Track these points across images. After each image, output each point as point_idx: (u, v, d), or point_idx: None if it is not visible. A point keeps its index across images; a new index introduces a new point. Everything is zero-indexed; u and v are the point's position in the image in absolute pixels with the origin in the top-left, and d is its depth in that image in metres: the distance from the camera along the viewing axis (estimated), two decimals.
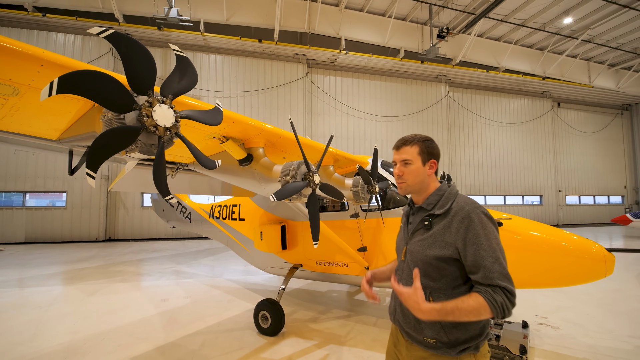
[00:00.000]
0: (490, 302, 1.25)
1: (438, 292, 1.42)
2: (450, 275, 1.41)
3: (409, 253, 1.53)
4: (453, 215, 1.42)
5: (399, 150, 1.59)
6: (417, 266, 1.44)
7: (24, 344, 4.07)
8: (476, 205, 1.44)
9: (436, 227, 1.45)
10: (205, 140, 2.90)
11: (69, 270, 8.57)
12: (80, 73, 1.21)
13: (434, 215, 1.48)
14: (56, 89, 1.14)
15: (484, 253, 1.32)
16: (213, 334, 4.34)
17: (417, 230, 1.52)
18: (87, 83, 1.24)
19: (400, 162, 1.56)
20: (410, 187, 1.56)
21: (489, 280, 1.29)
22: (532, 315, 4.91)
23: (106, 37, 1.29)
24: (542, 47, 19.67)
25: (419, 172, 1.53)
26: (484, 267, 1.30)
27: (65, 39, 14.78)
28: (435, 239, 1.43)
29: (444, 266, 1.41)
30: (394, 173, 1.58)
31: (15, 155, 13.93)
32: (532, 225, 3.38)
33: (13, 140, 2.54)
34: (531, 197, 22.88)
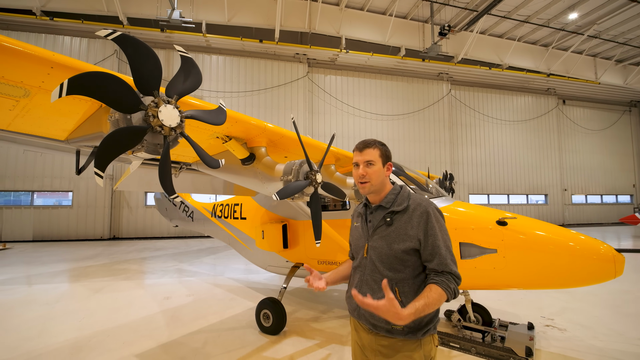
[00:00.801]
0: (447, 291, 1.45)
1: (402, 282, 1.56)
2: (412, 265, 1.57)
3: (372, 249, 1.63)
4: (412, 211, 1.59)
5: (362, 152, 1.66)
6: (382, 260, 1.58)
7: (32, 339, 4.15)
8: (430, 202, 1.63)
9: (397, 223, 1.59)
10: (208, 139, 2.95)
11: (75, 268, 8.67)
12: (89, 75, 1.26)
13: (394, 212, 1.61)
14: (66, 90, 1.19)
15: (439, 243, 1.53)
16: (215, 332, 4.38)
17: (379, 227, 1.64)
18: (96, 84, 1.29)
19: (364, 163, 1.65)
20: (373, 187, 1.66)
21: (443, 267, 1.50)
22: (538, 316, 4.85)
23: (114, 39, 1.33)
24: (547, 43, 19.51)
25: (380, 173, 1.65)
26: (439, 255, 1.51)
27: (71, 41, 15.06)
28: (398, 233, 1.57)
29: (408, 258, 1.56)
30: (357, 174, 1.67)
31: (24, 156, 14.15)
32: (538, 225, 3.29)
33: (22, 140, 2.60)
34: (536, 196, 22.67)
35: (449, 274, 1.49)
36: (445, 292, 1.44)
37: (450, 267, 1.50)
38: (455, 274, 1.50)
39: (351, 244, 1.83)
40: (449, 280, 1.47)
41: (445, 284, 1.45)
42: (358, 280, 1.67)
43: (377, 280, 1.58)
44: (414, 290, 1.54)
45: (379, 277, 1.57)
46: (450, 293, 1.45)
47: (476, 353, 3.67)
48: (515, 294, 5.97)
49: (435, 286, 1.44)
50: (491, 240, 3.27)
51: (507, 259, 3.19)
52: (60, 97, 1.16)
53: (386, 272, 1.56)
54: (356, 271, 1.71)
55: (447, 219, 3.50)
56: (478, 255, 3.32)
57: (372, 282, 1.60)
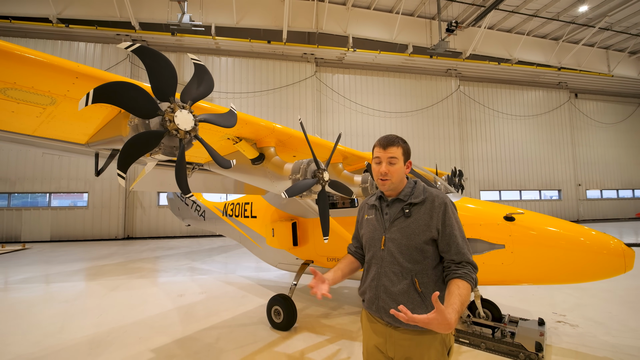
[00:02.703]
0: (471, 282, 1.49)
1: (421, 273, 1.58)
2: (432, 256, 1.59)
3: (390, 241, 1.64)
4: (431, 203, 1.62)
5: (386, 150, 1.66)
6: (401, 251, 1.59)
7: (53, 335, 4.33)
8: (445, 195, 1.67)
9: (416, 215, 1.62)
10: (220, 141, 3.05)
11: (92, 266, 8.95)
12: (113, 84, 1.37)
13: (412, 204, 1.65)
14: (92, 99, 1.29)
15: (456, 232, 1.57)
16: (228, 328, 4.49)
17: (397, 219, 1.65)
18: (119, 93, 1.39)
19: (387, 161, 1.66)
20: (393, 185, 1.68)
21: (461, 257, 1.54)
22: (549, 312, 4.82)
23: (133, 51, 1.43)
24: (557, 37, 19.17)
25: (401, 171, 1.68)
26: (456, 245, 1.55)
27: (86, 47, 15.54)
28: (418, 224, 1.60)
29: (427, 248, 1.59)
30: (379, 170, 1.67)
31: (42, 158, 14.65)
32: (546, 220, 3.29)
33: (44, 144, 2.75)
34: (549, 192, 22.26)
35: (468, 263, 1.53)
36: (470, 283, 1.48)
37: (468, 256, 1.54)
38: (473, 263, 1.55)
39: (362, 236, 1.82)
40: (470, 271, 1.51)
41: (468, 276, 1.49)
42: (375, 273, 1.66)
43: (396, 272, 1.59)
44: (433, 281, 1.57)
45: (399, 268, 1.58)
46: (474, 284, 1.50)
47: (485, 349, 3.69)
48: (526, 291, 5.94)
49: (461, 281, 1.47)
50: (499, 236, 3.29)
51: (515, 254, 3.21)
52: (86, 105, 1.27)
53: (406, 263, 1.57)
54: (371, 264, 1.70)
55: None
56: (486, 251, 3.35)
57: (391, 274, 1.60)
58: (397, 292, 1.57)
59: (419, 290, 1.55)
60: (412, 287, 1.56)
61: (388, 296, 1.59)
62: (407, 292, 1.56)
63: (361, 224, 1.86)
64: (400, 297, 1.56)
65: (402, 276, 1.58)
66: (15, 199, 14.94)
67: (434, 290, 1.56)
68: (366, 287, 1.71)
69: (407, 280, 1.57)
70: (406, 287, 1.56)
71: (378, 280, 1.64)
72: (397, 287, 1.57)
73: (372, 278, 1.68)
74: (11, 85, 1.59)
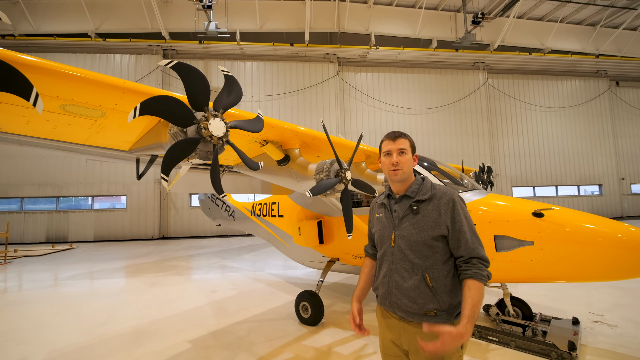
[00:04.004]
0: (482, 280, 1.53)
1: (431, 268, 1.61)
2: (441, 251, 1.63)
3: (400, 238, 1.68)
4: (439, 200, 1.66)
5: (395, 141, 1.73)
6: (411, 248, 1.64)
7: (101, 326, 4.72)
8: (453, 191, 1.70)
9: (424, 211, 1.66)
10: (248, 144, 3.24)
11: (131, 264, 9.57)
12: (157, 98, 1.55)
13: (420, 201, 1.69)
14: (139, 112, 1.48)
15: (465, 228, 1.61)
16: (258, 323, 4.69)
17: (406, 216, 1.70)
18: (161, 105, 1.57)
19: (397, 151, 1.72)
20: (404, 175, 1.72)
21: (470, 252, 1.58)
22: (585, 312, 4.63)
23: (172, 67, 1.61)
24: (594, 22, 17.98)
25: (410, 162, 1.74)
26: (465, 240, 1.59)
27: (121, 59, 16.63)
28: (426, 221, 1.64)
29: (436, 244, 1.62)
30: (390, 161, 1.73)
31: (85, 164, 15.84)
32: (577, 216, 3.16)
33: (92, 152, 3.05)
34: (589, 187, 20.89)
35: (477, 258, 1.55)
36: (481, 281, 1.50)
37: (477, 251, 1.57)
38: (483, 257, 1.57)
39: (374, 234, 1.88)
40: (480, 269, 1.53)
41: (479, 275, 1.51)
42: (387, 270, 1.70)
43: (407, 268, 1.63)
44: (444, 276, 1.60)
45: (409, 265, 1.62)
46: (485, 280, 1.52)
47: (515, 347, 3.62)
48: (561, 290, 5.71)
49: (472, 281, 1.50)
50: (527, 232, 3.22)
51: (545, 251, 3.13)
52: (134, 118, 1.45)
53: (415, 259, 1.61)
54: (383, 260, 1.75)
55: (482, 211, 3.49)
56: (514, 248, 3.29)
57: (402, 270, 1.64)
58: (408, 288, 1.61)
59: (430, 285, 1.58)
60: (423, 282, 1.60)
61: (400, 292, 1.64)
62: (418, 287, 1.60)
63: (372, 223, 1.92)
64: (412, 292, 1.60)
65: (412, 272, 1.62)
66: (62, 203, 16.23)
67: (445, 285, 1.59)
68: (379, 283, 1.76)
69: (417, 276, 1.61)
70: (417, 282, 1.60)
71: (390, 276, 1.69)
72: (408, 282, 1.61)
73: (384, 274, 1.72)
74: (69, 102, 1.83)
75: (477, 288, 1.50)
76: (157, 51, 16.50)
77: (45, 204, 16.11)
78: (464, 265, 1.57)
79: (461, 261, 1.60)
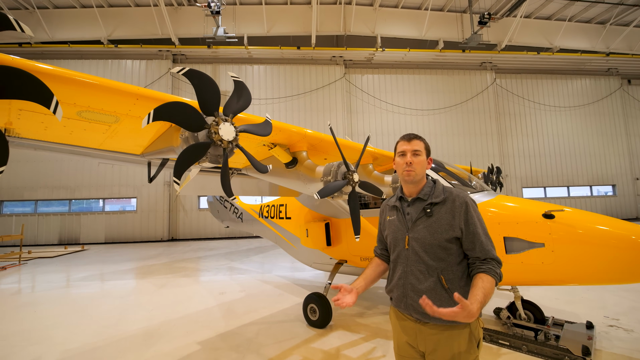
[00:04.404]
0: (495, 276, 1.56)
1: (446, 270, 1.64)
2: (455, 253, 1.66)
3: (414, 240, 1.70)
4: (452, 202, 1.69)
5: (410, 142, 1.75)
6: (426, 250, 1.66)
7: (111, 327, 4.80)
8: (465, 194, 1.73)
9: (437, 214, 1.68)
10: (256, 147, 3.28)
11: (141, 266, 9.70)
12: (169, 105, 1.60)
13: (433, 204, 1.70)
14: (152, 118, 1.52)
15: (479, 230, 1.63)
16: (266, 325, 4.71)
17: (419, 219, 1.72)
18: (174, 111, 1.62)
19: (411, 152, 1.73)
20: (417, 176, 1.74)
21: (485, 253, 1.60)
22: (600, 316, 4.55)
23: (184, 74, 1.66)
24: (603, 20, 17.69)
25: (424, 164, 1.76)
26: (479, 242, 1.62)
27: (132, 64, 16.99)
28: (440, 223, 1.66)
29: (451, 246, 1.65)
30: (404, 161, 1.74)
31: (97, 168, 16.13)
32: (589, 217, 3.11)
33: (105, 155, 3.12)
34: (602, 187, 20.45)
35: (492, 259, 1.59)
36: (494, 277, 1.54)
37: (491, 253, 1.60)
38: (496, 259, 1.61)
39: (386, 237, 1.89)
40: (494, 266, 1.57)
41: (492, 271, 1.55)
42: (401, 272, 1.71)
43: (422, 270, 1.64)
44: (458, 277, 1.62)
45: (424, 267, 1.64)
46: (498, 278, 1.56)
47: (527, 351, 3.57)
48: (574, 292, 5.61)
49: (485, 275, 1.54)
50: (538, 234, 3.19)
51: (557, 253, 3.09)
52: (148, 123, 1.50)
53: (430, 261, 1.63)
54: (397, 263, 1.75)
55: (491, 213, 3.47)
56: (524, 250, 3.25)
57: (417, 272, 1.65)
58: (424, 290, 1.62)
59: (446, 286, 1.60)
60: (439, 284, 1.61)
61: (416, 294, 1.65)
62: (434, 289, 1.61)
63: (384, 226, 1.93)
64: (428, 294, 1.60)
65: (428, 274, 1.64)
66: (75, 205, 16.56)
67: (460, 286, 1.61)
68: (393, 285, 1.77)
69: (433, 278, 1.63)
70: (433, 284, 1.62)
71: (405, 278, 1.70)
72: (424, 284, 1.63)
73: (398, 277, 1.73)
74: (86, 108, 1.89)
75: (489, 282, 1.52)
76: (166, 56, 16.80)
77: (58, 206, 16.45)
78: (479, 262, 1.60)
79: (476, 259, 1.62)
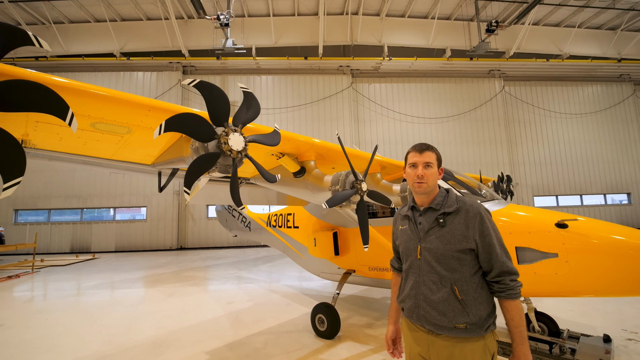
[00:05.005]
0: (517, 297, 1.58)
1: (460, 281, 1.60)
2: (469, 264, 1.62)
3: (426, 250, 1.67)
4: (465, 213, 1.65)
5: (422, 154, 1.73)
6: (438, 260, 1.63)
7: (121, 335, 4.82)
8: (479, 204, 1.70)
9: (450, 224, 1.65)
10: (265, 157, 3.31)
11: (150, 274, 9.76)
12: (180, 116, 1.64)
13: (446, 214, 1.68)
14: (164, 129, 1.56)
15: (494, 242, 1.60)
16: (274, 335, 4.67)
17: (432, 228, 1.69)
18: (185, 122, 1.66)
19: (423, 164, 1.71)
20: (429, 188, 1.72)
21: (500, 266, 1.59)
22: (617, 329, 4.40)
23: (194, 86, 1.70)
24: (614, 26, 17.52)
25: (436, 175, 1.74)
26: (495, 254, 1.59)
27: (143, 76, 17.47)
28: (453, 234, 1.63)
29: (464, 257, 1.61)
30: (415, 173, 1.73)
31: (108, 177, 16.48)
32: (606, 227, 3.03)
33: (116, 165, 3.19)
34: (616, 196, 19.97)
35: (507, 273, 1.57)
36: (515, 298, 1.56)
37: (506, 265, 1.58)
38: (511, 271, 1.58)
39: (398, 246, 1.88)
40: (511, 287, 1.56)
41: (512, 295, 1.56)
42: (414, 282, 1.69)
43: (434, 280, 1.62)
44: (473, 288, 1.58)
45: (437, 277, 1.61)
46: (519, 296, 1.57)
47: None
48: (589, 304, 5.44)
49: (507, 301, 1.56)
50: (551, 244, 3.11)
51: (571, 263, 3.01)
52: (160, 134, 1.54)
53: (443, 272, 1.60)
54: (409, 273, 1.73)
55: (502, 222, 3.41)
56: (537, 260, 3.18)
57: (430, 282, 1.63)
58: (437, 301, 1.60)
59: (460, 298, 1.56)
60: (452, 295, 1.58)
61: (428, 304, 1.62)
62: (448, 300, 1.58)
63: (396, 235, 1.92)
64: (441, 305, 1.58)
65: (441, 284, 1.61)
66: (86, 214, 16.86)
67: (475, 298, 1.58)
68: (405, 296, 1.74)
69: (446, 289, 1.59)
70: (446, 295, 1.59)
71: (417, 289, 1.67)
72: (436, 295, 1.60)
73: (410, 287, 1.71)
74: (99, 120, 1.95)
75: (514, 308, 1.54)
76: (177, 68, 17.21)
77: (70, 215, 16.78)
78: (496, 286, 1.59)
79: (491, 278, 1.60)
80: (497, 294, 1.59)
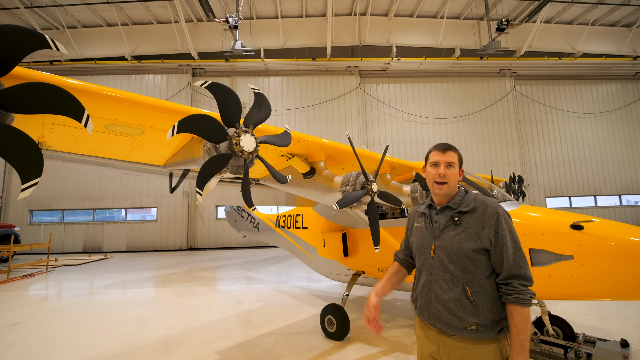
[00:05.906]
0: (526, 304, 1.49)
1: (473, 282, 1.56)
2: (484, 265, 1.58)
3: (440, 249, 1.65)
4: (482, 212, 1.61)
5: (445, 154, 1.70)
6: (452, 259, 1.60)
7: (133, 334, 4.88)
8: (497, 203, 1.65)
9: (466, 223, 1.62)
10: (275, 158, 3.32)
11: (161, 275, 9.88)
12: (192, 117, 1.65)
13: (462, 213, 1.65)
14: (176, 130, 1.57)
15: (508, 243, 1.54)
16: (283, 335, 4.67)
17: (447, 227, 1.67)
18: (197, 123, 1.67)
19: (445, 164, 1.69)
20: (450, 189, 1.70)
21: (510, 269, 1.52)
22: (635, 333, 4.28)
23: (206, 87, 1.71)
24: (629, 23, 17.09)
25: (457, 176, 1.71)
26: (507, 256, 1.53)
27: (154, 79, 17.76)
28: (468, 233, 1.60)
29: (478, 257, 1.57)
30: (436, 172, 1.70)
31: (120, 178, 16.78)
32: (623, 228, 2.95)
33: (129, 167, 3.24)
34: (632, 197, 19.43)
35: (518, 278, 1.50)
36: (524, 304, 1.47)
37: (518, 268, 1.51)
38: (524, 276, 1.50)
39: (412, 244, 1.85)
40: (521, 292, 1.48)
41: (520, 300, 1.47)
42: (426, 280, 1.68)
43: (446, 279, 1.60)
44: (486, 290, 1.54)
45: (449, 276, 1.59)
46: (529, 303, 1.48)
47: None
48: (605, 308, 5.30)
49: (513, 306, 1.48)
50: (566, 246, 3.04)
51: (587, 266, 2.93)
52: (172, 136, 1.55)
53: (456, 271, 1.57)
54: (422, 271, 1.72)
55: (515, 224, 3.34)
56: (551, 263, 3.11)
57: (442, 281, 1.61)
58: (448, 300, 1.58)
59: (471, 298, 1.54)
60: (463, 295, 1.55)
61: (439, 303, 1.60)
62: (459, 300, 1.55)
63: (411, 232, 1.89)
64: (452, 304, 1.56)
65: (452, 284, 1.58)
66: (99, 215, 17.17)
67: (488, 300, 1.54)
68: (417, 294, 1.74)
69: (458, 289, 1.57)
70: (457, 295, 1.56)
71: (429, 287, 1.65)
72: (448, 294, 1.58)
73: (422, 285, 1.70)
74: (113, 122, 1.99)
75: (519, 314, 1.46)
76: (186, 70, 17.44)
77: (83, 215, 17.12)
78: (504, 288, 1.52)
79: (501, 280, 1.54)
80: (505, 297, 1.51)
